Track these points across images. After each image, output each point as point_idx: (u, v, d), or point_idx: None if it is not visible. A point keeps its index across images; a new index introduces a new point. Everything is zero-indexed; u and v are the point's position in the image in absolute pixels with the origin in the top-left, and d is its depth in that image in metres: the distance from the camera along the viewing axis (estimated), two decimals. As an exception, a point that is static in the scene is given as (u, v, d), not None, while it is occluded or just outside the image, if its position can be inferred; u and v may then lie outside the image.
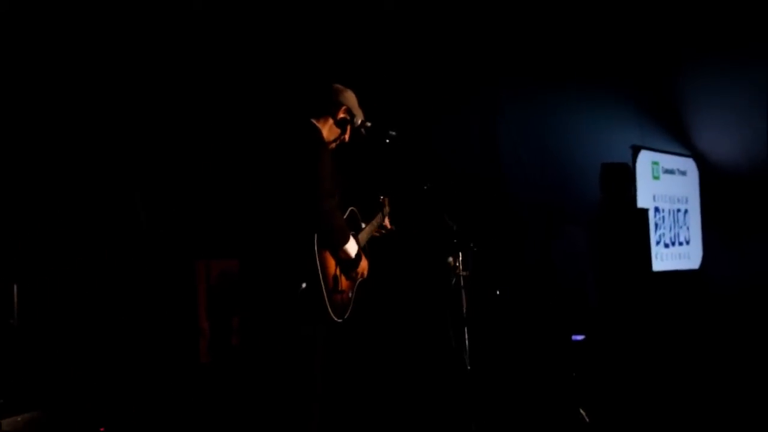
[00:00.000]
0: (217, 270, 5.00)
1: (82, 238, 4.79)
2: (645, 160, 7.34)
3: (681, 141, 8.17)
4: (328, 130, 3.44)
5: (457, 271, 3.62)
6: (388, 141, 3.51)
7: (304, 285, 3.16)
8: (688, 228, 7.96)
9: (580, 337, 5.54)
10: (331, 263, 3.30)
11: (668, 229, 7.65)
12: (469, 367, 3.63)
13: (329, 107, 3.45)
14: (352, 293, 3.48)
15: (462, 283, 3.64)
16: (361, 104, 3.54)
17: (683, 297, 7.05)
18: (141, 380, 4.61)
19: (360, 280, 3.54)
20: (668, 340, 5.59)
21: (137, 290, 4.83)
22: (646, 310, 5.31)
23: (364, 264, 3.51)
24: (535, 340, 5.56)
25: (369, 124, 3.52)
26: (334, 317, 3.24)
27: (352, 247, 3.37)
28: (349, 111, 3.47)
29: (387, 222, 3.83)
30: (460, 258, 3.63)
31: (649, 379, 5.04)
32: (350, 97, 3.52)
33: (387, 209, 3.84)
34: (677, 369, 5.47)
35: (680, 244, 7.82)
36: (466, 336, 3.61)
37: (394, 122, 3.57)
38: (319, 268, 3.17)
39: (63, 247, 4.77)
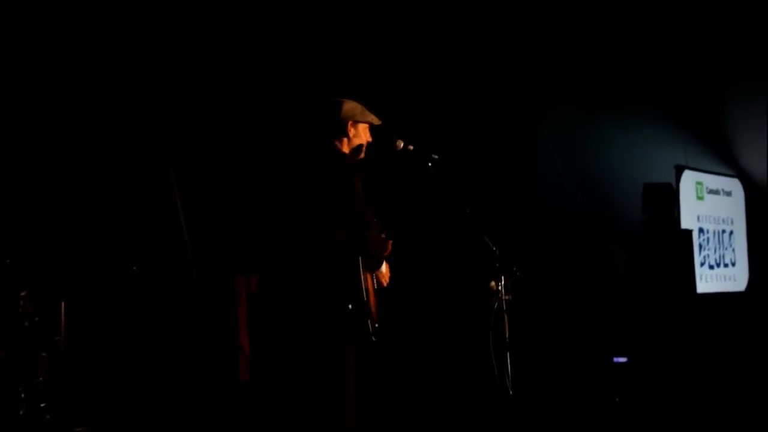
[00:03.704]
0: (257, 285, 5.03)
1: (127, 254, 4.88)
2: (689, 181, 7.23)
3: (726, 161, 8.03)
4: (347, 147, 3.46)
5: (500, 295, 3.60)
6: (430, 164, 3.53)
7: (350, 306, 3.23)
8: (733, 249, 7.81)
9: (622, 360, 5.46)
10: (370, 285, 3.37)
11: (713, 250, 7.51)
12: (511, 392, 3.60)
13: (338, 125, 3.46)
14: (376, 304, 3.51)
15: (504, 308, 3.62)
16: (401, 128, 3.56)
17: (729, 319, 6.91)
18: (182, 396, 4.66)
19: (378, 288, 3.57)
20: (713, 363, 5.48)
21: (179, 306, 4.90)
22: (691, 333, 5.22)
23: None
24: (577, 363, 5.49)
25: (411, 147, 3.54)
26: (373, 337, 3.29)
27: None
28: (354, 123, 3.46)
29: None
30: (503, 282, 3.61)
31: (694, 403, 4.95)
32: (350, 109, 3.48)
33: None
34: (722, 393, 5.37)
35: (726, 265, 7.67)
36: (509, 361, 3.60)
37: (434, 146, 3.58)
38: (363, 290, 3.24)
39: (107, 264, 4.86)
